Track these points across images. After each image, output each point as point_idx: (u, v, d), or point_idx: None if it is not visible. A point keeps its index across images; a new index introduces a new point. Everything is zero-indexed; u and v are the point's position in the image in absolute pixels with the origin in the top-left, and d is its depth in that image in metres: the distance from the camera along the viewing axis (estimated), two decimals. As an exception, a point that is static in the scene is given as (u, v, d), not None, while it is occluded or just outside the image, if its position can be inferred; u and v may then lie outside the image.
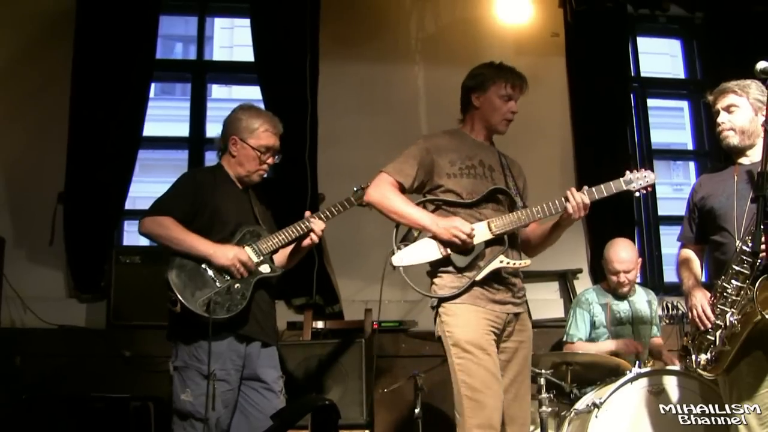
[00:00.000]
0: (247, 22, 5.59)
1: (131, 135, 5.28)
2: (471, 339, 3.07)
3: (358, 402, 4.29)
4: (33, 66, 5.35)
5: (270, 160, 3.53)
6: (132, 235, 5.79)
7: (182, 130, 5.80)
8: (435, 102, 5.62)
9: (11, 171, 5.26)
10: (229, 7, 6.25)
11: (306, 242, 3.50)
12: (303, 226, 3.44)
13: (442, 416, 4.92)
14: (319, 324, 4.88)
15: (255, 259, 3.35)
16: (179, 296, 3.18)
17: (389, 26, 5.76)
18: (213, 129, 5.85)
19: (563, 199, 3.19)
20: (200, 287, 3.22)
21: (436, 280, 3.20)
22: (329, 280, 5.19)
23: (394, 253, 3.19)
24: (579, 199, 3.16)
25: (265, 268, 3.39)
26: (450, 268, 3.17)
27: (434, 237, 3.16)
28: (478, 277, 3.12)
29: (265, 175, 3.59)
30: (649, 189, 3.21)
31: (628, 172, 3.21)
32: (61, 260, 5.12)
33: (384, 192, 3.22)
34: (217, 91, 8.90)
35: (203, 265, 3.27)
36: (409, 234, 3.24)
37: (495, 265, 3.14)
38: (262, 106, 5.27)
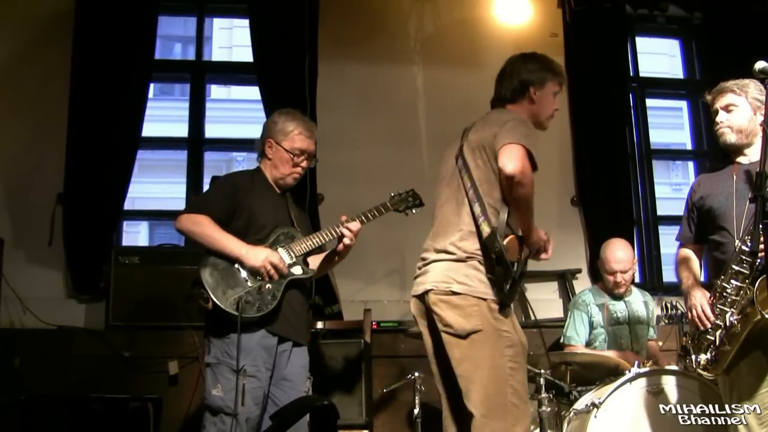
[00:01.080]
0: (245, 22, 5.59)
1: (130, 135, 5.27)
2: (523, 345, 2.98)
3: (357, 402, 4.30)
4: (32, 66, 5.34)
5: (304, 164, 3.57)
6: (131, 236, 5.81)
7: (181, 130, 5.80)
8: (434, 102, 5.62)
9: (10, 171, 5.25)
10: (228, 7, 6.25)
11: (340, 246, 3.52)
12: (337, 230, 3.48)
13: (441, 417, 4.91)
14: (319, 324, 4.88)
15: (287, 261, 3.40)
16: (211, 294, 3.23)
17: (388, 26, 5.76)
18: (212, 129, 5.85)
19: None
20: (232, 286, 3.28)
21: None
22: (328, 281, 5.17)
23: (501, 236, 2.86)
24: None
25: (297, 270, 3.43)
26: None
27: (519, 238, 2.95)
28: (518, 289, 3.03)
29: (299, 178, 3.62)
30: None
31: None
32: (60, 261, 5.12)
33: (530, 174, 2.83)
34: (216, 91, 8.94)
35: (236, 265, 3.32)
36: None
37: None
38: (260, 107, 5.29)
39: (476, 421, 2.87)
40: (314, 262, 3.61)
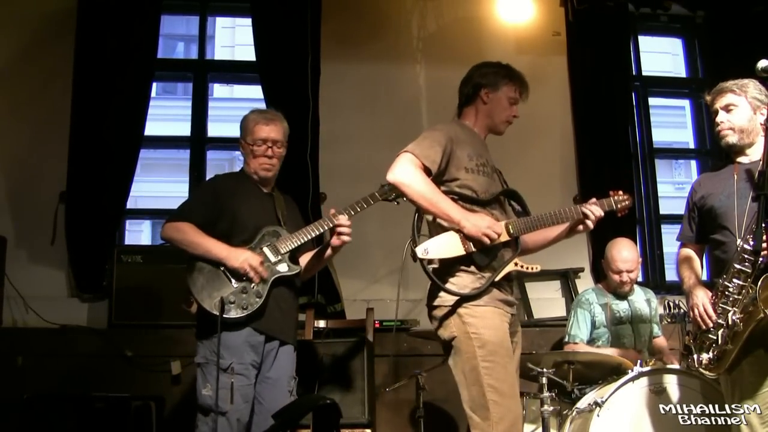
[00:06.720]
0: (248, 21, 5.59)
1: (133, 134, 5.28)
2: (500, 342, 3.03)
3: (359, 401, 4.29)
4: (35, 65, 5.35)
5: (269, 152, 3.58)
6: (134, 234, 5.81)
7: (184, 129, 5.81)
8: (437, 101, 5.62)
9: (13, 170, 5.26)
10: (231, 6, 6.25)
11: (336, 241, 3.52)
12: (324, 225, 3.50)
13: (444, 416, 4.92)
14: (321, 323, 4.88)
15: (272, 259, 3.43)
16: (196, 297, 3.33)
17: (390, 25, 5.76)
18: (214, 128, 5.86)
19: (579, 211, 3.24)
20: (217, 288, 3.35)
21: (453, 279, 3.06)
22: (331, 280, 5.18)
23: (416, 244, 3.04)
24: (598, 213, 3.25)
25: (282, 267, 3.45)
26: (470, 267, 3.06)
27: (459, 231, 3.04)
28: (497, 278, 3.07)
29: (272, 168, 3.61)
30: (626, 211, 3.36)
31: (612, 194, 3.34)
32: (62, 259, 5.13)
33: (413, 174, 3.02)
34: (218, 90, 8.95)
35: (221, 267, 3.38)
36: (420, 225, 3.12)
37: (510, 267, 3.10)
38: (263, 105, 5.29)
39: (469, 423, 3.03)
40: (304, 259, 3.64)
